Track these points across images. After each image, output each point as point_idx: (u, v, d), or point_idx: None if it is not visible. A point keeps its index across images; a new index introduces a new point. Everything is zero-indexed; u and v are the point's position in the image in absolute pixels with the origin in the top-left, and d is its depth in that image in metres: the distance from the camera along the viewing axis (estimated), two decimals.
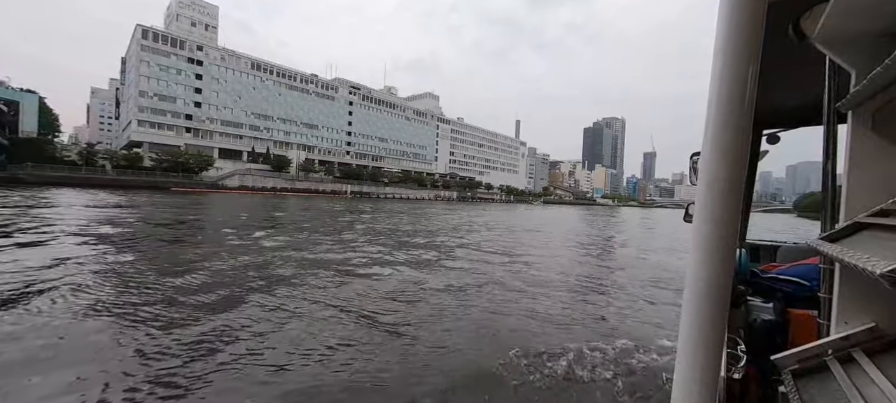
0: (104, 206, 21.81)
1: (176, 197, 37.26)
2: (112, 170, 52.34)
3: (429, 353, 4.28)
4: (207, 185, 58.36)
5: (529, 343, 4.55)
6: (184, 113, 68.40)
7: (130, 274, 7.06)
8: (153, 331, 4.44)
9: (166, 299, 5.63)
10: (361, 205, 41.59)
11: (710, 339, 0.58)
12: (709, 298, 0.58)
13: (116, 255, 8.62)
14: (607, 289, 7.95)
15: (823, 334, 1.17)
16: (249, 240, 12.09)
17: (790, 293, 2.00)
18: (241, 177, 63.77)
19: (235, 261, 8.65)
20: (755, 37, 0.57)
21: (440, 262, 10.07)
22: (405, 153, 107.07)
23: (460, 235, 17.58)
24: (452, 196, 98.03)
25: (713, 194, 0.58)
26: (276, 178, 68.70)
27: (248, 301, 5.78)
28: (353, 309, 5.67)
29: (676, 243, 18.03)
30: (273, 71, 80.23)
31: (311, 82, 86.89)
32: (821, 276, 1.28)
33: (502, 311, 5.98)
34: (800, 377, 0.93)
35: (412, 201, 72.17)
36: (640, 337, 4.95)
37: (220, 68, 72.45)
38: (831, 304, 1.06)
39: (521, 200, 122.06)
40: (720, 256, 0.58)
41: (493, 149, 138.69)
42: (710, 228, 0.58)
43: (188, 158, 58.49)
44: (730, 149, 0.57)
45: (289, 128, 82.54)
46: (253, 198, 44.89)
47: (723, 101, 0.58)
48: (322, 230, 16.56)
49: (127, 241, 10.69)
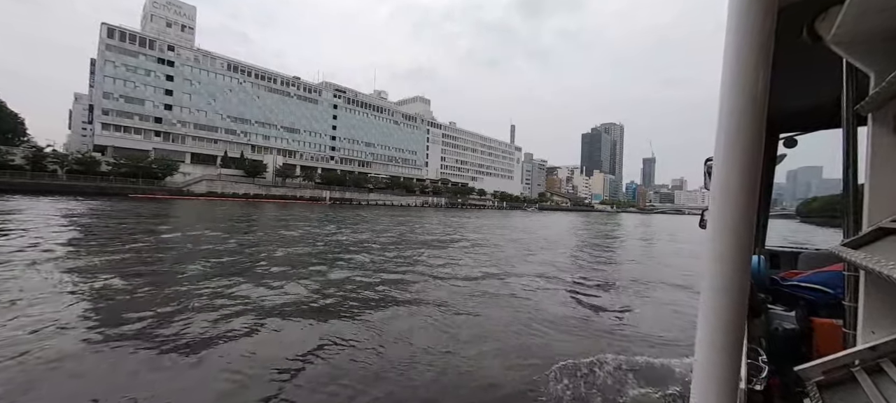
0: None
1: (130, 204, 33.56)
2: (64, 174, 48.50)
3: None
4: (170, 191, 54.47)
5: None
6: (153, 115, 64.75)
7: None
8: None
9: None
10: (338, 213, 37.58)
11: (727, 349, 0.56)
12: (726, 306, 0.56)
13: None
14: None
15: (849, 344, 1.14)
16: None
17: (813, 301, 1.96)
18: (209, 182, 59.92)
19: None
20: (766, 40, 0.56)
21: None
22: (394, 158, 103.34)
23: (413, 258, 13.60)
24: (441, 202, 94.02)
25: (727, 200, 0.56)
26: (249, 184, 64.86)
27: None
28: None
29: (688, 265, 13.31)
30: (251, 72, 76.77)
31: (293, 85, 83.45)
32: (845, 284, 1.28)
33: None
34: (826, 388, 0.89)
35: (397, 208, 68.36)
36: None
37: (192, 69, 69.00)
38: (857, 313, 1.03)
39: (515, 206, 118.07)
40: (736, 263, 0.56)
41: (487, 154, 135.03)
42: (725, 234, 0.56)
43: (151, 162, 54.71)
44: (743, 153, 0.56)
45: (268, 132, 78.86)
46: (220, 205, 41.08)
47: (735, 105, 0.56)
48: (236, 254, 12.55)
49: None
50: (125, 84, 62.08)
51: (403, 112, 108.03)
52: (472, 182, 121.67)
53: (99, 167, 51.40)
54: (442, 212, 57.61)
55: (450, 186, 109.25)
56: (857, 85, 1.15)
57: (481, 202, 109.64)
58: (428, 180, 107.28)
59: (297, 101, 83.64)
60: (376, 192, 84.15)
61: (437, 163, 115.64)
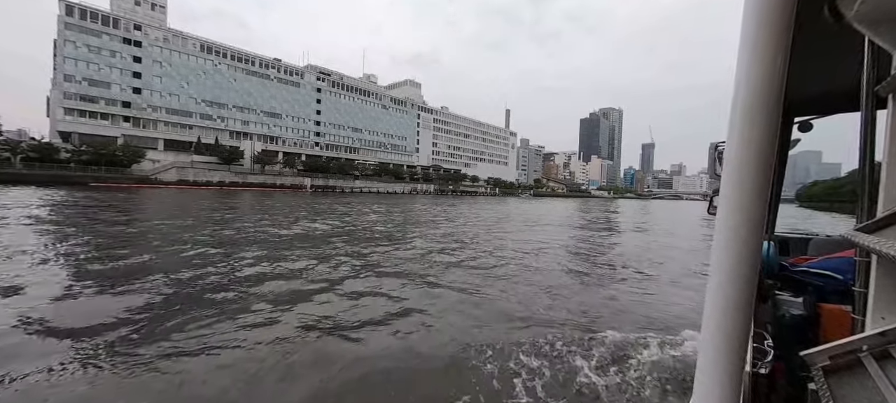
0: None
1: (88, 192, 30.58)
2: (19, 163, 45.26)
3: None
4: (136, 179, 51.30)
5: None
6: (120, 100, 61.05)
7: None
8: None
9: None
10: (316, 203, 34.61)
11: (734, 332, 0.56)
12: (733, 290, 0.55)
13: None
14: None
15: (858, 330, 1.13)
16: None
17: (822, 287, 1.95)
18: (179, 170, 56.64)
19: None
20: (787, 18, 0.53)
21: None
22: (383, 144, 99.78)
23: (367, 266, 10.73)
24: (430, 189, 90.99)
25: (739, 185, 0.55)
26: (224, 172, 61.64)
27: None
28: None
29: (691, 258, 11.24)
30: (227, 54, 72.54)
31: (273, 67, 79.33)
32: (856, 269, 1.26)
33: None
34: (831, 374, 0.88)
35: (384, 196, 65.47)
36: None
37: (162, 50, 64.94)
38: (867, 299, 1.02)
39: (509, 193, 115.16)
40: (745, 248, 0.55)
41: (481, 140, 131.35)
42: (737, 219, 0.55)
43: (116, 149, 51.38)
44: (758, 137, 0.54)
45: (247, 117, 75.14)
46: (189, 194, 38.10)
47: (752, 87, 0.54)
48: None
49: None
50: (88, 66, 58.25)
51: (393, 96, 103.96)
52: (465, 168, 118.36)
53: (58, 154, 48.10)
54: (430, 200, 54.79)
55: (441, 173, 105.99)
56: (879, 65, 1.12)
57: (473, 189, 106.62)
58: (419, 167, 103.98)
59: (277, 85, 79.64)
60: (363, 179, 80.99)
61: (429, 150, 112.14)
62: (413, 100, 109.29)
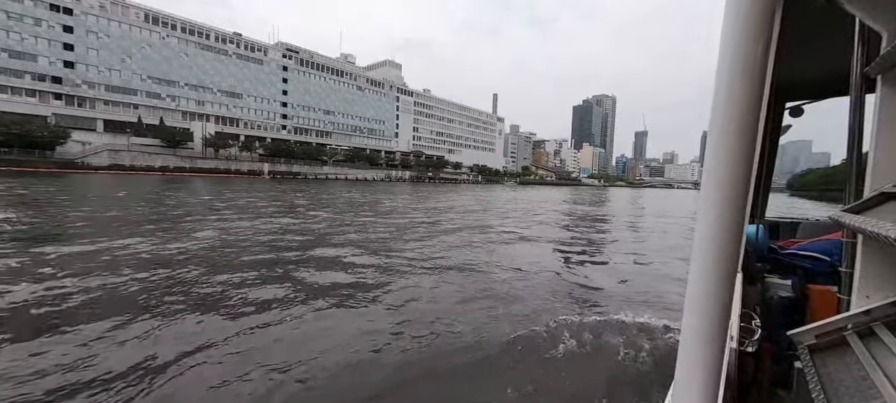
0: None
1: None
2: None
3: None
4: (60, 163, 45.28)
5: None
6: (50, 74, 54.37)
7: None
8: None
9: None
10: (255, 191, 29.18)
11: (717, 309, 0.56)
12: (716, 268, 0.55)
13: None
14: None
15: (844, 309, 1.14)
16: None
17: (810, 268, 1.98)
18: (113, 153, 50.53)
19: None
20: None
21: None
22: (358, 128, 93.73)
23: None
24: (404, 176, 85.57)
25: (721, 163, 0.55)
26: (170, 156, 55.63)
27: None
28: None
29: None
30: (176, 25, 65.58)
31: (232, 42, 72.48)
32: (843, 250, 1.28)
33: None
34: (817, 352, 0.89)
35: (354, 182, 60.12)
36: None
37: (99, 19, 57.96)
38: (853, 278, 1.03)
39: (494, 181, 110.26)
40: (728, 226, 0.55)
41: (466, 125, 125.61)
42: (718, 198, 0.55)
43: (34, 129, 45.15)
44: (740, 117, 0.53)
45: (202, 96, 68.61)
46: (118, 180, 32.37)
47: (734, 65, 0.53)
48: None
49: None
50: (8, 35, 51.31)
51: (370, 77, 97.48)
52: (449, 155, 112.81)
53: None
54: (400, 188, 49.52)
55: (423, 160, 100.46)
56: (869, 48, 1.12)
57: (455, 176, 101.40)
58: (398, 153, 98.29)
59: (237, 62, 72.93)
60: (333, 166, 75.30)
61: (409, 135, 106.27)
62: (392, 81, 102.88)
